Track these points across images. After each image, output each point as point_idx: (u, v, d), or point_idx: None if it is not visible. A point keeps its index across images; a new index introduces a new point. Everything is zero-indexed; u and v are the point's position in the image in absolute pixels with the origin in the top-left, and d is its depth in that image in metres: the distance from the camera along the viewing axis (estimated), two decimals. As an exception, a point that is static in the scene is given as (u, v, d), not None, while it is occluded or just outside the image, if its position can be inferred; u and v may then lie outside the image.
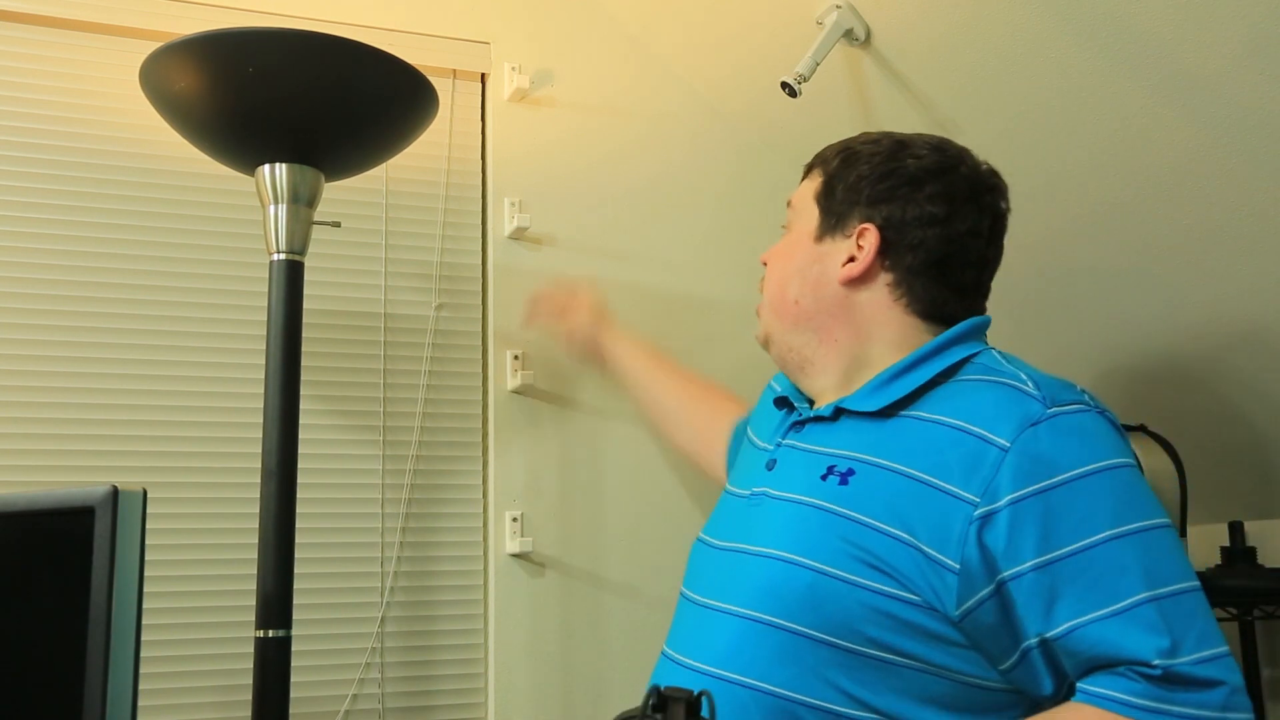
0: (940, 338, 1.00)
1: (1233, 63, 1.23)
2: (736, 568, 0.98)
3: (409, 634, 1.61)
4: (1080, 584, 0.82)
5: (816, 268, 1.06)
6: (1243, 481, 1.73)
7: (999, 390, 0.91)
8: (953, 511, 0.86)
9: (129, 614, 0.93)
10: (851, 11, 1.51)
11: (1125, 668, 0.81)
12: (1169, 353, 1.66)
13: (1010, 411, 0.88)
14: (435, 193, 1.74)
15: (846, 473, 0.94)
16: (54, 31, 1.58)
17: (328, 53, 1.28)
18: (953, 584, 0.85)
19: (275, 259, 1.35)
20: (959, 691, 0.88)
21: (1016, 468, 0.85)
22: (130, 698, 0.92)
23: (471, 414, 1.70)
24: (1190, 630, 0.81)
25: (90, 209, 1.55)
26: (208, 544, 1.53)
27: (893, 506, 0.89)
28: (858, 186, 1.05)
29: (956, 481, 0.87)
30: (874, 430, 0.96)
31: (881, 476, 0.92)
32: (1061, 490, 0.84)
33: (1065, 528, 0.83)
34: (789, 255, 1.10)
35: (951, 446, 0.89)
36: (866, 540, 0.89)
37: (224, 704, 1.50)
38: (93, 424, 1.51)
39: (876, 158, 1.06)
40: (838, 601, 0.89)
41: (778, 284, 1.10)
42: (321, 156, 1.36)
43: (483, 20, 1.79)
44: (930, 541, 0.87)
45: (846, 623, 0.88)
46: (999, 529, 0.84)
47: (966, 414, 0.91)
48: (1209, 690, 0.79)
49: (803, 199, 1.12)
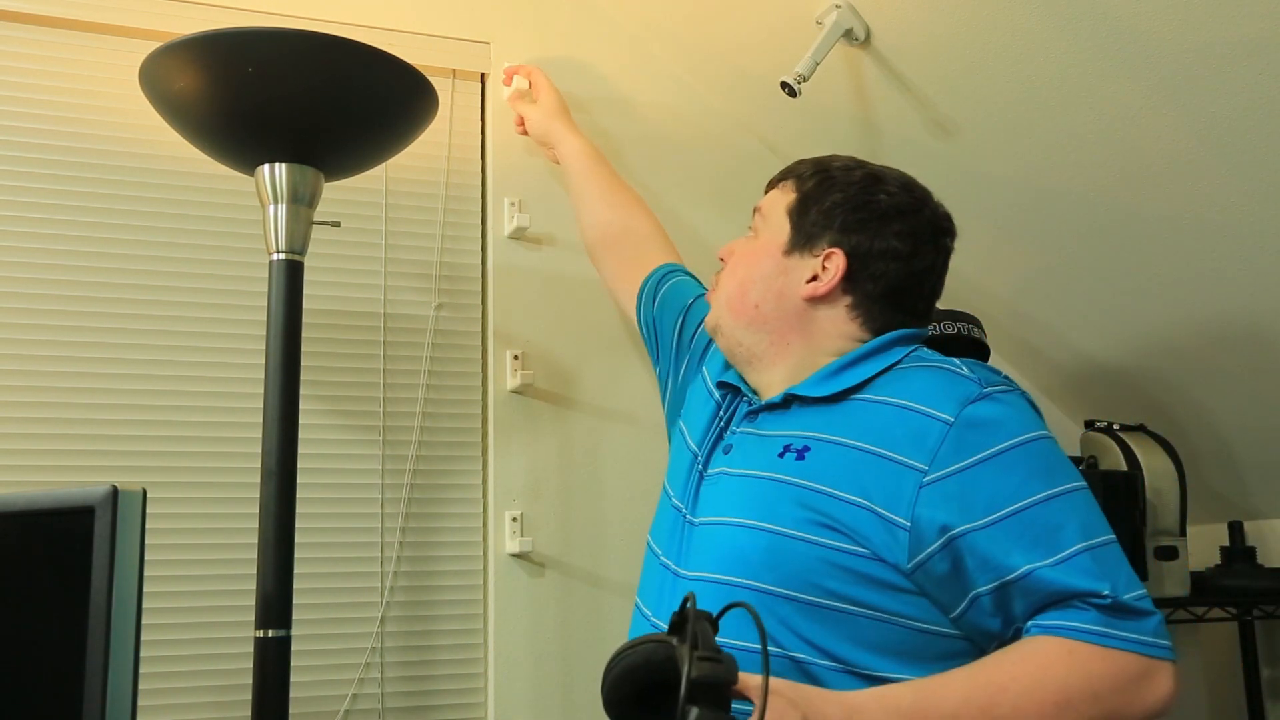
0: (885, 337, 1.10)
1: (1231, 62, 1.23)
2: (704, 540, 1.07)
3: (409, 634, 1.61)
4: (1029, 536, 0.94)
5: (781, 280, 1.13)
6: (1243, 481, 1.73)
7: (939, 374, 1.03)
8: (903, 478, 0.96)
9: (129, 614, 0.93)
10: (851, 11, 1.51)
11: (1078, 600, 0.92)
12: (1169, 353, 1.66)
13: (950, 392, 0.99)
14: (435, 193, 1.74)
15: (802, 449, 1.03)
16: (54, 31, 1.58)
17: (328, 53, 1.28)
18: (904, 540, 0.96)
19: (275, 259, 1.35)
20: (913, 639, 0.97)
21: (960, 439, 0.96)
22: (130, 698, 0.92)
23: (471, 414, 1.70)
24: (1120, 573, 0.94)
25: (90, 209, 1.55)
26: (208, 544, 1.53)
27: (847, 475, 0.99)
28: (832, 212, 1.12)
29: (905, 452, 0.97)
30: (825, 413, 1.05)
31: (835, 451, 1.01)
32: (1001, 458, 0.96)
33: (1008, 489, 0.95)
34: (754, 260, 1.16)
35: (899, 423, 0.99)
36: (821, 504, 0.99)
37: (224, 704, 1.50)
38: (93, 424, 1.51)
39: (852, 187, 1.13)
40: (795, 559, 0.98)
41: (739, 285, 1.15)
42: (321, 156, 1.36)
43: (483, 20, 1.79)
44: (883, 503, 0.96)
45: (804, 577, 0.97)
46: (948, 492, 0.95)
47: (911, 395, 1.01)
48: (1145, 618, 0.93)
49: (774, 209, 1.18)
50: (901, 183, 1.14)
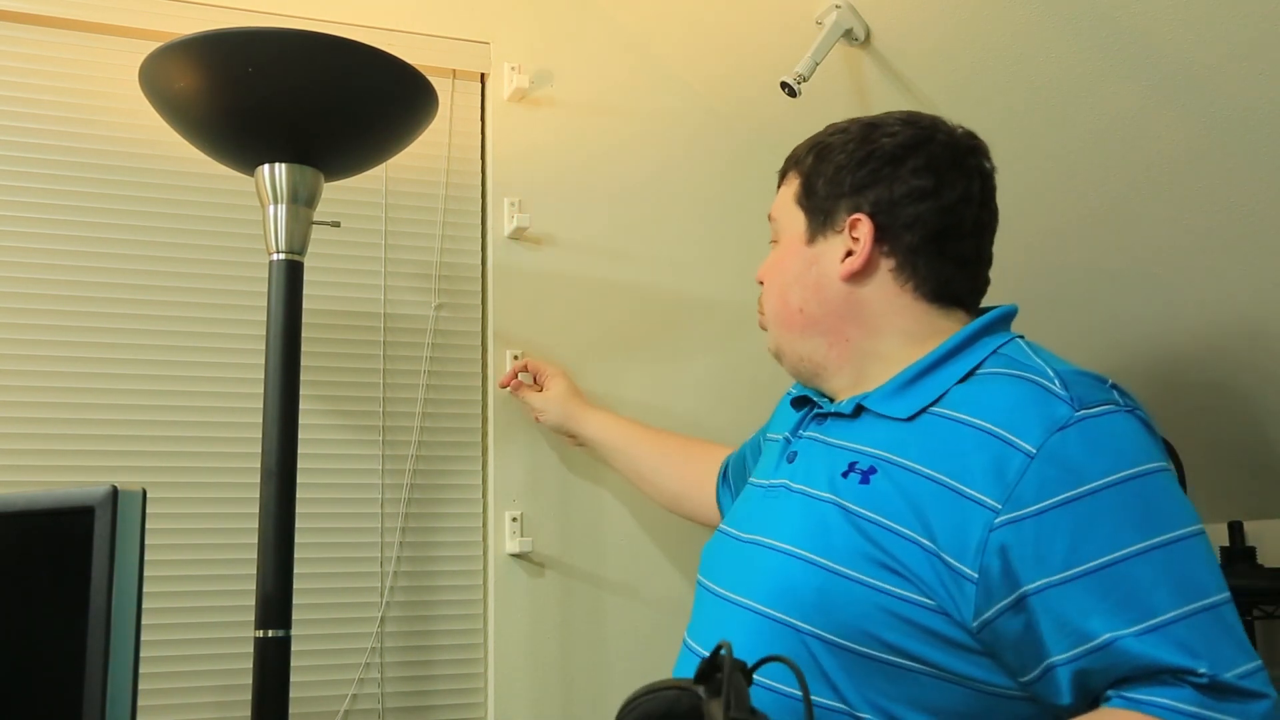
0: (964, 332, 0.97)
1: (1231, 61, 1.23)
2: (754, 560, 0.96)
3: (409, 634, 1.61)
4: (1114, 597, 0.79)
5: (814, 270, 1.02)
6: (1243, 481, 1.73)
7: (1025, 388, 0.88)
8: (973, 517, 0.83)
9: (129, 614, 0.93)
10: (851, 11, 1.51)
11: (1169, 675, 0.78)
12: (1169, 353, 1.66)
13: (1037, 413, 0.85)
14: (435, 193, 1.74)
15: (868, 470, 0.91)
16: (54, 31, 1.58)
17: (328, 53, 1.28)
18: (970, 593, 0.82)
19: (275, 259, 1.35)
20: (979, 701, 0.85)
21: (1042, 475, 0.82)
22: (130, 698, 0.92)
23: (471, 414, 1.70)
24: (1225, 644, 0.79)
25: (90, 209, 1.55)
26: (208, 544, 1.53)
27: (913, 508, 0.87)
28: (838, 178, 1.02)
29: (979, 486, 0.84)
30: (896, 427, 0.93)
31: (903, 477, 0.89)
32: (1089, 500, 0.81)
33: (1094, 540, 0.80)
34: (782, 265, 1.07)
35: (976, 449, 0.86)
36: (884, 541, 0.87)
37: (224, 704, 1.50)
38: (93, 424, 1.51)
39: (850, 144, 1.03)
40: (850, 604, 0.86)
41: (778, 296, 1.06)
42: (321, 156, 1.36)
43: (483, 20, 1.79)
44: (949, 548, 0.84)
45: (859, 625, 0.86)
46: (1023, 539, 0.81)
47: (991, 414, 0.87)
48: (1252, 701, 0.78)
49: (783, 206, 1.10)
50: (903, 119, 1.04)
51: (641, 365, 1.78)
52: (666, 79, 1.89)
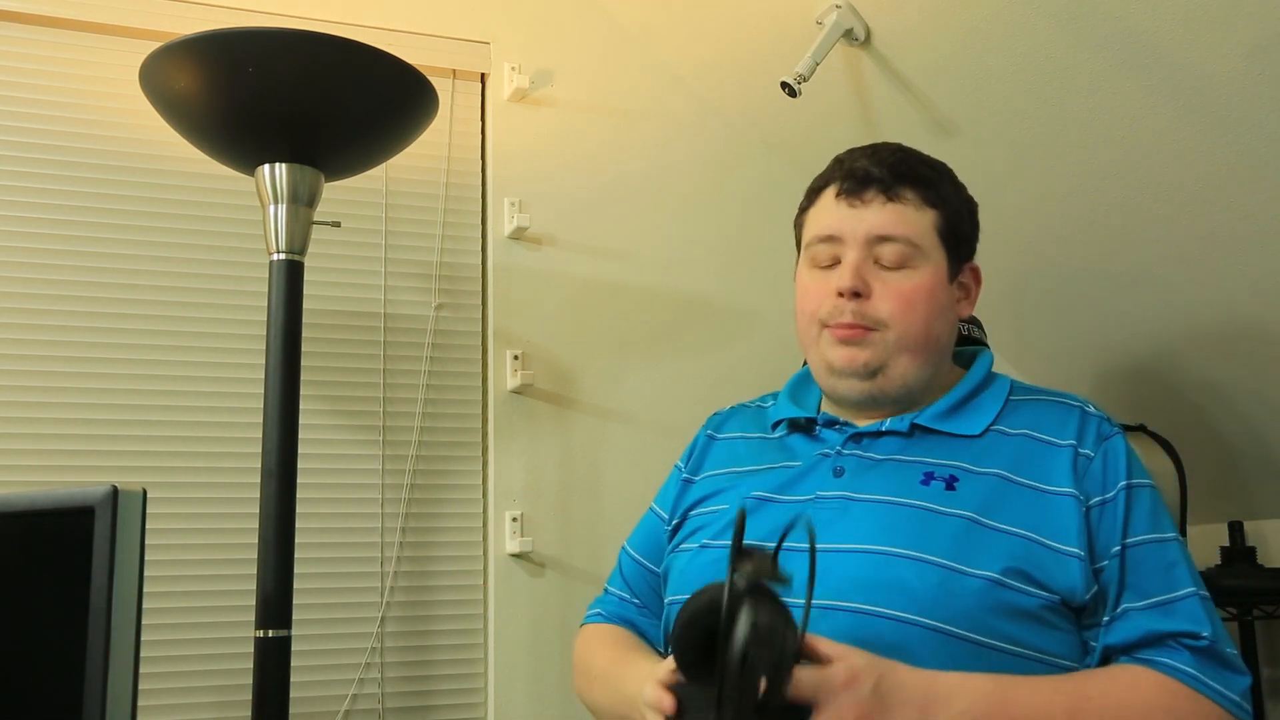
0: (985, 364, 1.11)
1: (1235, 66, 1.23)
2: (842, 566, 0.97)
3: (409, 634, 1.61)
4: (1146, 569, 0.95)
5: (952, 308, 1.09)
6: (1243, 481, 1.73)
7: (1068, 409, 1.04)
8: (1066, 508, 0.96)
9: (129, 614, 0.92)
10: (851, 11, 1.51)
11: (1173, 640, 0.92)
12: (1169, 353, 1.66)
13: (1087, 427, 1.02)
14: (435, 193, 1.74)
15: (949, 479, 1.00)
16: (54, 31, 1.58)
17: (328, 53, 1.28)
18: (1075, 569, 0.94)
19: (275, 259, 1.35)
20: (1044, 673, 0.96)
21: (1104, 470, 0.98)
22: (130, 698, 0.92)
23: (471, 414, 1.70)
24: (1219, 625, 0.94)
25: (91, 209, 1.55)
26: (208, 544, 1.53)
27: (1006, 508, 0.97)
28: (970, 227, 1.10)
29: (1061, 484, 0.98)
30: (966, 444, 1.03)
31: (987, 482, 0.99)
32: (1136, 492, 0.98)
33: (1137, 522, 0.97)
34: (932, 297, 1.05)
35: (1045, 456, 1.00)
36: (987, 538, 0.95)
37: (224, 704, 1.50)
38: (93, 424, 1.51)
39: (961, 188, 1.10)
40: (968, 596, 0.93)
41: (922, 324, 1.04)
42: (321, 156, 1.36)
43: (483, 20, 1.79)
44: (1051, 535, 0.95)
45: (977, 616, 0.93)
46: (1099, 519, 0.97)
47: (1048, 429, 1.02)
48: (1238, 675, 0.92)
49: (924, 234, 1.05)
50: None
51: (641, 365, 1.78)
52: (667, 79, 1.89)
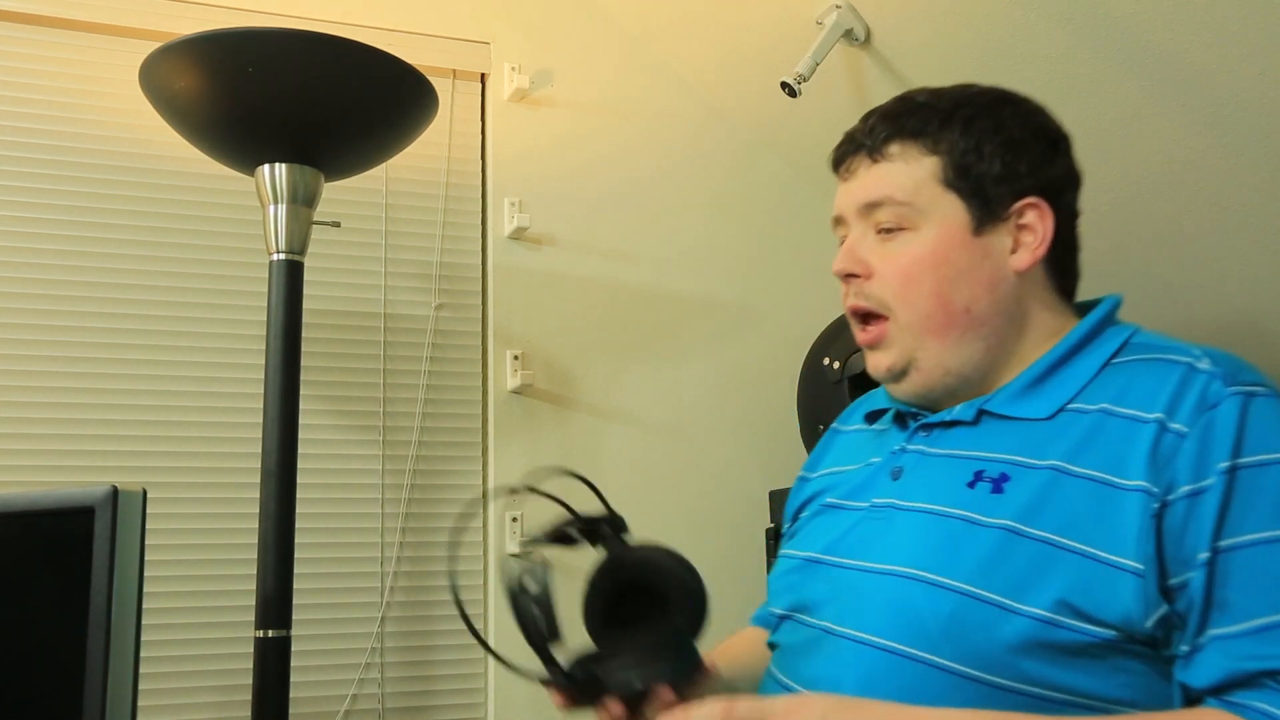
0: (1088, 323, 0.89)
1: (1231, 61, 1.23)
2: (859, 588, 0.85)
3: (409, 634, 1.61)
4: (1246, 579, 0.73)
5: (988, 264, 0.87)
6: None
7: (1170, 369, 0.81)
8: (1130, 508, 0.75)
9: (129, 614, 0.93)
10: (851, 11, 1.51)
11: (1267, 679, 0.72)
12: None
13: (1188, 390, 0.78)
14: (435, 193, 1.74)
15: (999, 478, 0.82)
16: (54, 31, 1.58)
17: (328, 53, 1.28)
18: (1133, 588, 0.74)
19: (275, 259, 1.35)
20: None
21: (1200, 449, 0.75)
22: (130, 698, 0.92)
23: (471, 414, 1.70)
24: None
25: (90, 209, 1.55)
26: (208, 544, 1.53)
27: (1059, 512, 0.78)
28: (1006, 156, 0.88)
29: (1133, 474, 0.76)
30: (1032, 429, 0.84)
31: (1043, 479, 0.80)
32: (1242, 475, 0.75)
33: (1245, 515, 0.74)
34: (940, 258, 0.87)
35: (1123, 438, 0.78)
36: (1026, 553, 0.77)
37: (224, 704, 1.50)
38: (93, 424, 1.51)
39: (1010, 115, 0.90)
40: (985, 628, 0.76)
41: (933, 295, 0.87)
42: (321, 156, 1.36)
43: (483, 20, 1.79)
44: (1108, 547, 0.75)
45: (996, 655, 0.76)
46: (1178, 520, 0.74)
47: (1135, 399, 0.80)
48: None
49: (919, 188, 0.88)
50: (1024, 97, 0.93)
51: (641, 365, 1.78)
52: (666, 79, 1.89)
